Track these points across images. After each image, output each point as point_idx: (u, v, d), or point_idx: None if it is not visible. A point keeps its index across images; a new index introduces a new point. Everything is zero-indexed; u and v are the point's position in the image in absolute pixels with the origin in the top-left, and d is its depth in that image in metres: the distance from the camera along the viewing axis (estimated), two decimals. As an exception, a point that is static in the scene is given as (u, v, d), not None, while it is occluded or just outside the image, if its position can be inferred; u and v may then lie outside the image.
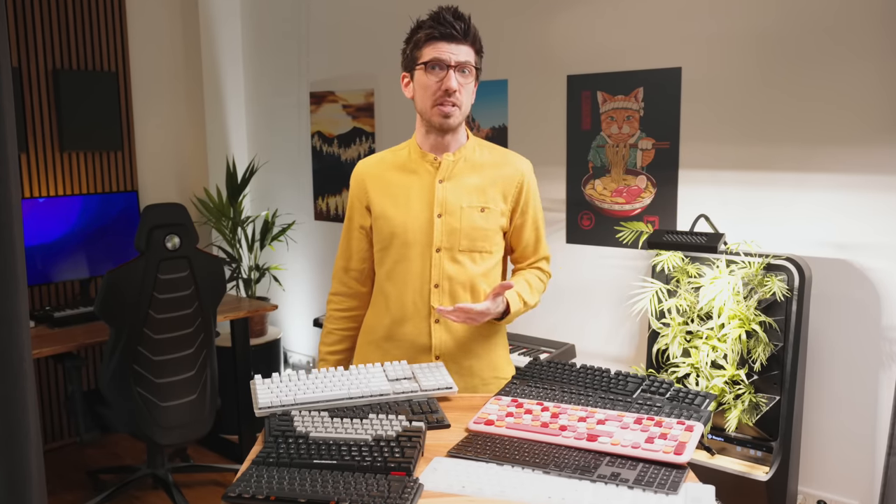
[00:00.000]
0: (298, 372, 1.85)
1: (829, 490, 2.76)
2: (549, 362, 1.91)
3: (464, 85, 1.93)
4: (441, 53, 1.90)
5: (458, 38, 1.91)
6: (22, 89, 3.83)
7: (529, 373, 1.88)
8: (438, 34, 1.90)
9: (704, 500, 1.33)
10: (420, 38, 1.93)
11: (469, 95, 1.96)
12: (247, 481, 1.39)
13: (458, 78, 1.91)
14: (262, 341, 4.25)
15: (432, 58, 1.91)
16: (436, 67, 1.91)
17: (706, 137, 2.91)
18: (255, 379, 1.82)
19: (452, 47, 1.90)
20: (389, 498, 1.32)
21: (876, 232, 2.58)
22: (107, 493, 3.36)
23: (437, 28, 1.90)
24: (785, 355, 2.53)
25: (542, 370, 1.88)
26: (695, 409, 1.63)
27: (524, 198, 2.05)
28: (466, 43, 1.92)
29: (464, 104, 1.95)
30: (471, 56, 1.94)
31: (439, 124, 1.95)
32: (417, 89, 1.96)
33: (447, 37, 1.90)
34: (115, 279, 2.88)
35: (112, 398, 3.07)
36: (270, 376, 1.84)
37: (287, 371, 1.66)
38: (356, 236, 2.10)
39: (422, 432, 1.55)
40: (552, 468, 1.44)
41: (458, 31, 1.90)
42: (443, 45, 1.90)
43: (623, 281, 3.15)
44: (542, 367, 1.89)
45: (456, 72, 1.90)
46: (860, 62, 2.55)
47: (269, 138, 4.61)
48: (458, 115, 1.94)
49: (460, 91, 1.92)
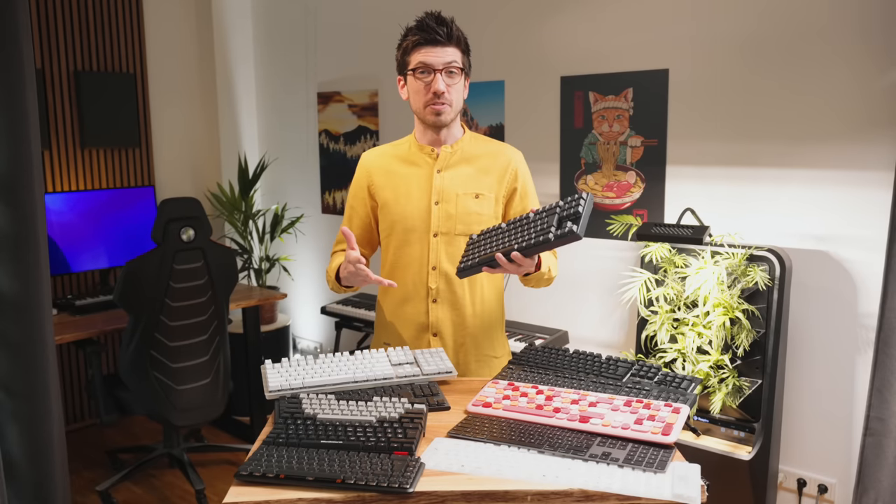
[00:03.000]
0: (307, 357, 1.85)
1: (809, 469, 2.76)
2: (543, 348, 1.91)
3: (451, 85, 1.95)
4: (427, 58, 1.92)
5: (443, 41, 1.92)
6: (45, 90, 3.81)
7: (525, 358, 1.88)
8: (424, 40, 1.92)
9: (690, 479, 1.33)
10: (408, 44, 1.96)
11: (459, 92, 1.98)
12: (258, 460, 1.39)
13: (445, 79, 1.93)
14: (272, 328, 4.25)
15: (419, 63, 1.93)
16: (424, 72, 1.93)
17: (692, 135, 2.90)
18: (266, 364, 1.82)
19: (438, 50, 1.92)
20: (392, 476, 1.32)
21: (852, 225, 2.58)
22: (125, 472, 3.37)
23: (422, 34, 1.93)
24: (767, 341, 2.53)
25: (537, 355, 1.88)
26: (681, 392, 1.63)
27: (520, 183, 2.06)
28: (451, 45, 1.94)
29: (454, 101, 1.97)
30: (457, 56, 1.95)
31: (433, 122, 1.98)
32: (411, 92, 2.00)
33: (432, 41, 1.92)
34: (133, 269, 2.88)
35: (130, 382, 3.07)
36: (280, 361, 1.84)
37: (296, 356, 1.66)
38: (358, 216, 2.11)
39: (423, 414, 1.55)
40: (546, 448, 1.44)
41: (441, 35, 1.92)
42: (429, 50, 1.92)
43: (613, 271, 3.15)
44: (537, 353, 1.89)
45: (443, 73, 1.92)
46: (838, 64, 2.54)
47: (278, 136, 4.60)
48: (450, 111, 1.97)
49: (448, 91, 1.94)
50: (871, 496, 2.45)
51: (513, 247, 1.72)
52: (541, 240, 1.68)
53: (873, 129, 2.49)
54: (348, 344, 4.19)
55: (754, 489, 2.55)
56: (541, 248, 1.69)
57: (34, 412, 2.03)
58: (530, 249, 1.70)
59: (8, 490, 2.00)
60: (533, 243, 1.69)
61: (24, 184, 1.94)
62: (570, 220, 1.66)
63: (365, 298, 3.90)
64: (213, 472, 3.56)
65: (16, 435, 2.00)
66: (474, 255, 1.80)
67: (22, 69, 1.91)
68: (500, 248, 1.74)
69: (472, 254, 1.82)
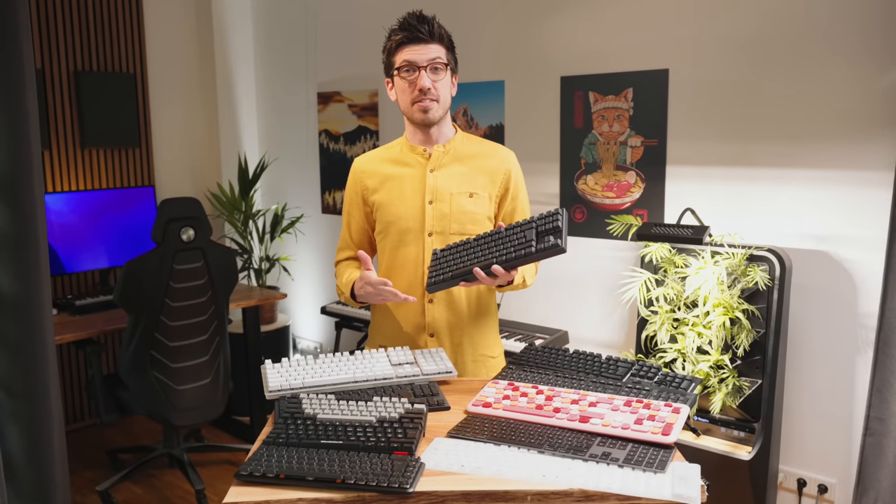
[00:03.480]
0: (307, 357, 1.84)
1: (809, 469, 2.76)
2: (543, 348, 1.91)
3: (437, 81, 1.95)
4: (411, 55, 1.93)
5: (426, 38, 1.93)
6: (45, 90, 3.81)
7: (525, 358, 1.88)
8: (407, 39, 1.94)
9: (690, 479, 1.33)
10: (391, 45, 1.98)
11: (446, 89, 1.98)
12: (258, 460, 1.39)
13: (430, 76, 1.93)
14: (272, 328, 4.25)
15: (404, 61, 1.94)
16: (409, 70, 1.94)
17: (692, 135, 2.90)
18: (266, 364, 1.82)
19: (421, 48, 1.93)
20: (392, 476, 1.32)
21: (852, 225, 2.58)
22: (125, 472, 3.36)
23: (405, 33, 1.94)
24: (766, 341, 2.53)
25: (537, 355, 1.87)
26: (681, 392, 1.63)
27: (513, 185, 2.06)
28: (434, 41, 1.95)
29: (441, 98, 1.97)
30: (441, 52, 1.95)
31: (421, 120, 1.98)
32: (398, 92, 2.00)
33: (415, 40, 1.93)
34: (133, 269, 2.88)
35: (130, 382, 3.07)
36: (280, 361, 1.84)
37: (296, 356, 1.66)
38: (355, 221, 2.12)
39: (423, 414, 1.54)
40: (546, 448, 1.43)
41: (423, 32, 1.93)
42: (412, 48, 1.93)
43: (613, 271, 3.15)
44: (537, 353, 1.89)
45: (428, 70, 1.93)
46: (838, 64, 2.54)
47: (278, 136, 4.60)
48: (437, 108, 1.97)
49: (434, 87, 1.94)
50: (871, 496, 2.44)
51: (491, 261, 1.76)
52: (522, 253, 1.73)
53: (873, 129, 2.49)
54: (348, 344, 4.19)
55: (754, 489, 2.55)
56: (522, 262, 1.74)
57: (34, 412, 2.03)
58: (512, 262, 1.74)
59: (8, 490, 2.00)
60: (514, 256, 1.74)
61: (24, 184, 1.94)
62: (552, 234, 1.71)
63: (365, 298, 3.90)
64: (213, 472, 3.56)
65: (16, 435, 2.00)
66: (445, 270, 1.83)
67: (22, 69, 1.91)
68: (476, 263, 1.78)
69: (441, 268, 1.84)
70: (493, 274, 1.76)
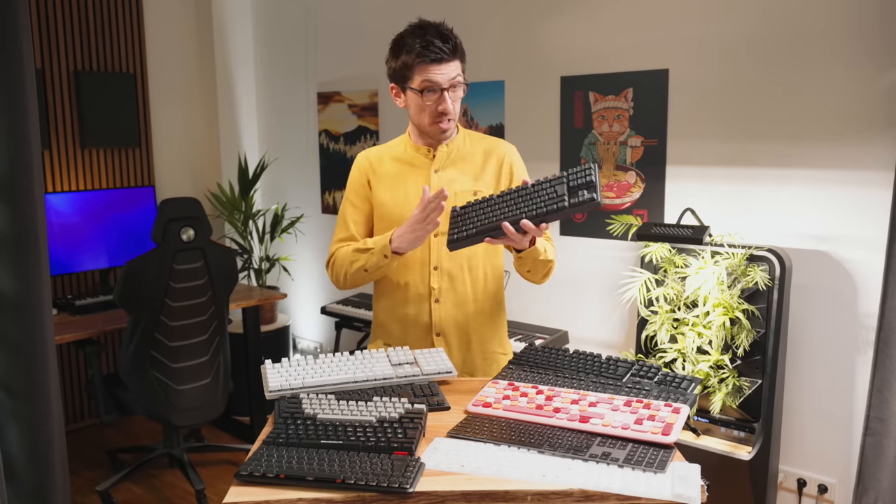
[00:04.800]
0: (307, 357, 1.84)
1: (809, 469, 2.76)
2: (543, 348, 1.90)
3: (456, 99, 1.93)
4: (433, 76, 1.87)
5: (448, 58, 1.88)
6: (45, 90, 3.81)
7: (525, 358, 1.88)
8: (429, 59, 1.86)
9: (690, 479, 1.33)
10: (409, 61, 1.88)
11: (458, 102, 1.96)
12: (258, 460, 1.39)
13: (450, 95, 1.90)
14: (272, 328, 4.25)
15: (426, 82, 1.88)
16: (431, 91, 1.89)
17: (692, 135, 2.90)
18: (266, 364, 1.82)
19: (443, 67, 1.87)
20: (392, 476, 1.32)
21: (852, 225, 2.58)
22: (125, 472, 3.37)
23: (428, 54, 1.86)
24: (766, 341, 2.53)
25: (537, 355, 1.87)
26: (681, 392, 1.63)
27: (513, 168, 2.05)
28: (455, 59, 1.90)
29: (457, 112, 1.96)
30: (458, 69, 1.92)
31: (438, 137, 1.98)
32: (412, 106, 1.95)
33: (437, 60, 1.86)
34: (133, 269, 2.88)
35: (130, 382, 3.07)
36: (280, 361, 1.83)
37: (296, 356, 1.65)
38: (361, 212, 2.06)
39: (423, 414, 1.54)
40: (546, 448, 1.43)
41: (446, 52, 1.87)
42: (434, 69, 1.87)
43: (614, 271, 3.15)
44: (537, 353, 1.89)
45: (448, 90, 1.90)
46: (837, 65, 2.54)
47: (278, 136, 4.60)
48: (453, 124, 1.97)
49: (454, 105, 1.93)
50: (871, 496, 2.44)
51: (520, 216, 1.68)
52: (555, 207, 1.64)
53: (873, 130, 2.49)
54: (348, 344, 4.19)
55: (754, 489, 2.55)
56: (554, 217, 1.65)
57: (34, 412, 2.03)
58: (543, 217, 1.65)
59: (8, 490, 2.00)
60: (545, 211, 1.65)
61: (24, 184, 1.94)
62: (586, 189, 1.63)
63: (365, 298, 3.90)
64: (213, 472, 3.56)
65: (16, 435, 2.00)
66: (469, 226, 1.74)
67: (22, 69, 1.91)
68: (504, 218, 1.69)
69: (462, 225, 1.76)
70: (522, 230, 1.69)
